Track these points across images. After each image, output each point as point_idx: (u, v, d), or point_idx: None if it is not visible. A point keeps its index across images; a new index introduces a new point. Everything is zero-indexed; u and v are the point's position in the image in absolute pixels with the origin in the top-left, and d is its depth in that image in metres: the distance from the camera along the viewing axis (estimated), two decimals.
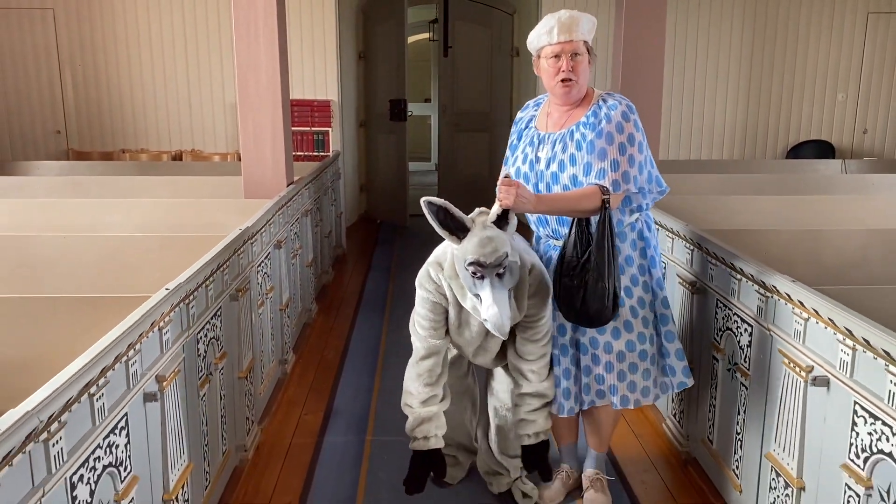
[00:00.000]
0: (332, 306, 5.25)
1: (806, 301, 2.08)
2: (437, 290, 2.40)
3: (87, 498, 1.61)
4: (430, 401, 2.51)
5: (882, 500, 1.75)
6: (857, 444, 1.84)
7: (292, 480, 2.93)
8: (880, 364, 1.74)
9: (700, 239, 2.85)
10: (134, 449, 1.86)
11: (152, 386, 1.98)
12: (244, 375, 2.98)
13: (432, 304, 2.42)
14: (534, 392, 2.51)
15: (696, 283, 2.89)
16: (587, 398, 2.55)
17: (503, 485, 2.78)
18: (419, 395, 2.50)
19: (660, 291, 2.54)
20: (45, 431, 1.41)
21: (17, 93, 6.56)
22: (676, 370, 2.56)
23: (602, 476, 2.75)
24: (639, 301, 2.49)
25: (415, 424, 2.51)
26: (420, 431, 2.50)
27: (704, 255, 2.80)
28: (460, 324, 2.45)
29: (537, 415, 2.53)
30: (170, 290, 2.14)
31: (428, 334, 2.47)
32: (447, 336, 2.49)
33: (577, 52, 2.39)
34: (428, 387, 2.50)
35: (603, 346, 2.49)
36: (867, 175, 5.30)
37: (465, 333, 2.46)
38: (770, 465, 2.28)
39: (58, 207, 3.83)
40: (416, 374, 2.51)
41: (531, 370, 2.49)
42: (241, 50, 4.05)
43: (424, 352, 2.49)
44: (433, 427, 2.51)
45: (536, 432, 2.53)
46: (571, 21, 2.38)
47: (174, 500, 2.12)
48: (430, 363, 2.49)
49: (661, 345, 2.54)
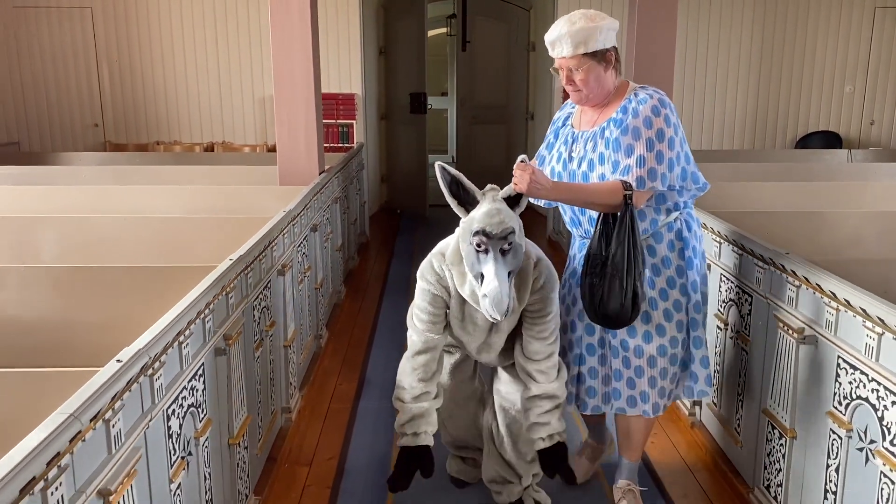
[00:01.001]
0: (359, 289, 5.54)
1: (798, 270, 2.33)
2: (438, 282, 2.32)
3: (177, 430, 1.90)
4: (423, 397, 2.42)
5: (860, 440, 2.01)
6: (839, 393, 2.10)
7: (332, 440, 3.22)
8: (858, 321, 2.00)
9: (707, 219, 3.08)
10: (208, 395, 2.15)
11: (221, 343, 2.27)
12: (288, 344, 3.27)
13: (432, 297, 2.33)
14: (543, 394, 2.41)
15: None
16: (617, 404, 2.49)
17: (514, 493, 2.62)
18: (412, 391, 2.40)
19: (694, 294, 2.43)
20: (150, 367, 1.70)
21: (58, 88, 6.89)
22: (699, 378, 2.49)
23: (634, 487, 2.64)
24: (674, 304, 2.40)
25: (405, 420, 2.41)
26: (410, 427, 2.40)
27: (710, 233, 3.04)
28: (464, 317, 2.37)
29: (549, 416, 2.42)
30: (234, 261, 2.43)
31: (426, 328, 2.37)
32: (445, 332, 2.41)
33: (577, 66, 2.30)
34: (422, 382, 2.40)
35: (633, 349, 2.42)
36: (871, 164, 5.53)
37: (468, 328, 2.38)
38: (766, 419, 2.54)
39: (108, 193, 4.14)
40: (410, 368, 2.42)
41: (538, 370, 2.39)
42: (277, 48, 4.33)
43: (421, 346, 2.39)
44: (424, 423, 2.41)
45: (550, 434, 2.42)
46: (560, 37, 2.28)
47: (237, 445, 2.41)
48: (425, 358, 2.40)
49: (689, 350, 2.47)
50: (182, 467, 1.90)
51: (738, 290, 2.79)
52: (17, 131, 6.90)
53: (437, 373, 2.45)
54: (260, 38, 6.81)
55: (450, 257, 2.26)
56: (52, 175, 4.99)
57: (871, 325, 1.94)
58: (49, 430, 1.26)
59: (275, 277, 3.07)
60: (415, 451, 2.40)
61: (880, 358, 1.91)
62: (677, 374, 2.47)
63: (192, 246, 3.17)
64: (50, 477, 1.24)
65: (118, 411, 1.51)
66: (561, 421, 2.44)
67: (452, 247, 2.26)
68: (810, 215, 3.47)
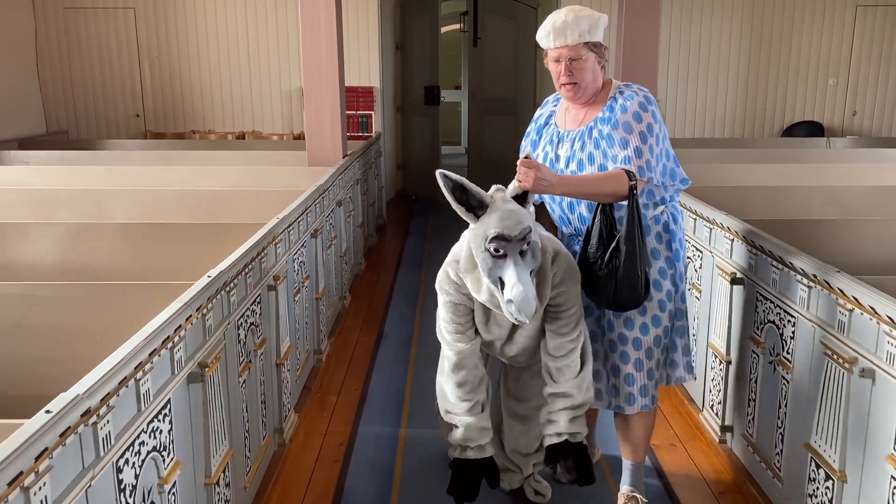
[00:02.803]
0: (377, 263, 6.14)
1: (737, 229, 2.89)
2: (458, 291, 2.27)
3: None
4: (474, 408, 2.38)
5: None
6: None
7: (356, 378, 3.82)
8: (790, 275, 2.55)
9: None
10: (279, 323, 2.74)
11: (271, 281, 2.86)
12: (320, 297, 3.87)
13: (454, 307, 2.29)
14: (559, 392, 2.35)
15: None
16: (614, 401, 2.46)
17: (515, 482, 2.66)
18: (463, 405, 2.36)
19: (681, 285, 2.47)
20: (211, 301, 2.29)
21: (103, 82, 7.54)
22: (679, 365, 2.50)
23: (638, 496, 2.55)
24: (667, 294, 2.41)
25: (468, 435, 2.37)
26: (473, 441, 2.38)
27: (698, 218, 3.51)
28: (488, 320, 2.32)
29: (561, 415, 2.36)
30: (280, 219, 3.03)
31: (455, 339, 2.32)
32: (477, 337, 2.35)
33: (575, 56, 2.29)
34: (471, 394, 2.36)
35: (632, 342, 2.40)
36: (846, 150, 6.07)
37: (492, 330, 2.34)
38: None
39: (160, 172, 4.76)
40: (454, 385, 2.36)
41: (557, 368, 2.34)
42: (307, 45, 4.91)
43: (456, 358, 2.34)
44: (485, 435, 2.39)
45: (558, 433, 2.37)
46: (566, 25, 2.27)
47: (317, 357, 3.01)
48: (464, 374, 2.35)
49: (672, 338, 2.48)
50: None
51: (696, 253, 3.34)
52: (66, 121, 7.57)
53: (483, 381, 2.41)
54: (287, 35, 7.41)
55: (463, 266, 2.20)
56: (100, 158, 5.66)
57: (779, 266, 2.49)
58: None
59: (309, 240, 3.67)
60: (480, 463, 2.40)
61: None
62: (661, 362, 2.46)
63: (242, 212, 3.76)
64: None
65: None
66: (574, 423, 2.35)
67: (465, 254, 2.19)
68: (777, 189, 4.01)
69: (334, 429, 3.25)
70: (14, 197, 3.89)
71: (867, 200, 3.85)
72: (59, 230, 3.12)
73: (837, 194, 3.93)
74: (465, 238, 2.22)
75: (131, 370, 1.59)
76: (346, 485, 2.81)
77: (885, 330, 1.90)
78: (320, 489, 2.78)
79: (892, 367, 1.88)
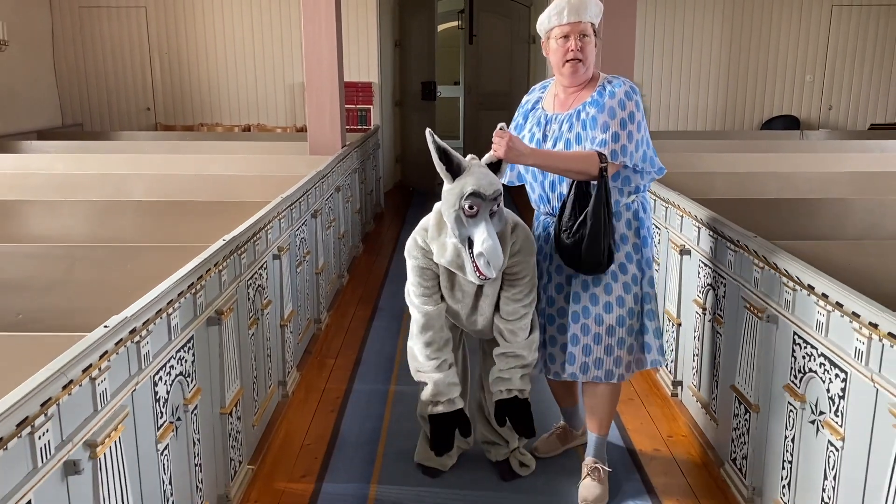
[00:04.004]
0: (374, 248, 6.54)
1: (689, 208, 3.27)
2: (424, 256, 2.50)
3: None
4: (442, 366, 2.60)
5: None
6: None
7: (352, 344, 4.21)
8: (723, 243, 2.94)
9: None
10: (282, 289, 3.13)
11: (276, 251, 3.25)
12: (319, 272, 4.26)
13: (421, 270, 2.51)
14: (510, 352, 2.58)
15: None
16: (569, 369, 2.58)
17: (501, 454, 2.83)
18: (431, 363, 2.59)
19: (648, 270, 2.59)
20: (225, 260, 2.68)
21: (115, 76, 7.95)
22: (653, 348, 2.60)
23: (601, 466, 2.70)
24: (633, 278, 2.54)
25: (434, 391, 2.61)
26: (443, 396, 2.62)
27: (657, 199, 3.88)
28: (453, 286, 2.52)
29: (511, 373, 2.59)
30: (283, 198, 3.42)
31: (422, 301, 2.55)
32: (443, 302, 2.57)
33: (586, 33, 2.45)
34: (438, 352, 2.59)
35: (594, 317, 2.53)
36: (816, 141, 6.44)
37: (457, 295, 2.53)
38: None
39: (172, 160, 5.14)
40: (422, 344, 2.58)
41: (510, 330, 2.55)
42: (308, 42, 5.29)
43: (423, 320, 2.56)
44: (454, 390, 2.63)
45: (509, 388, 2.60)
46: (580, 3, 2.43)
47: (317, 326, 3.40)
48: (431, 334, 2.57)
49: (643, 322, 2.58)
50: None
51: (658, 235, 3.73)
52: (80, 114, 7.98)
53: (448, 341, 2.62)
54: (291, 33, 7.80)
55: (431, 233, 2.44)
56: (115, 147, 6.05)
57: (733, 247, 2.88)
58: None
59: (309, 220, 4.06)
60: (452, 416, 2.64)
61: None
62: (633, 347, 2.58)
63: (247, 191, 4.15)
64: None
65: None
66: (523, 380, 2.61)
67: (433, 223, 2.44)
68: (743, 174, 4.39)
69: (332, 386, 3.65)
70: (43, 181, 4.29)
71: (818, 184, 4.23)
72: (86, 206, 3.50)
73: (792, 178, 4.31)
74: (435, 210, 2.47)
75: (164, 304, 1.98)
76: (342, 429, 3.21)
77: (783, 281, 2.29)
78: (319, 431, 3.17)
79: (789, 313, 2.26)
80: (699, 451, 3.02)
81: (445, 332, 2.62)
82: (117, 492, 1.69)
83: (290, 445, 3.07)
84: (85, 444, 1.56)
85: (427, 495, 2.72)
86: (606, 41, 5.28)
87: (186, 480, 2.18)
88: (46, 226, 3.37)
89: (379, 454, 3.00)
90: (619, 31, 5.25)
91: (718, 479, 2.78)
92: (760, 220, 3.26)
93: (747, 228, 2.68)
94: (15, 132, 6.78)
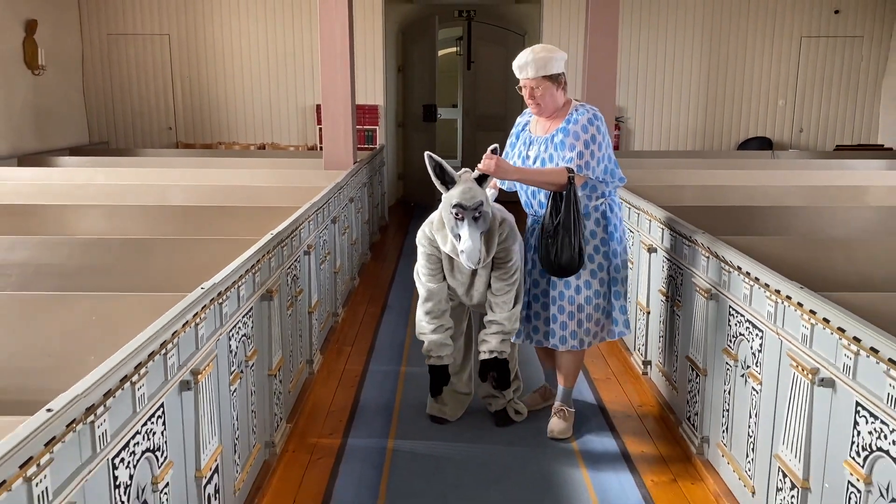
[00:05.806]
0: (381, 255, 7.12)
1: (655, 213, 3.85)
2: (430, 244, 3.16)
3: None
4: (438, 330, 3.25)
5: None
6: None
7: (366, 334, 4.77)
8: (680, 240, 3.53)
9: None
10: (310, 282, 3.69)
11: (306, 248, 3.82)
12: (337, 271, 4.84)
13: (428, 256, 3.18)
14: (495, 320, 3.18)
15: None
16: (552, 341, 3.23)
17: (499, 404, 3.47)
18: (429, 327, 3.25)
19: (615, 260, 3.21)
20: (248, 274, 3.26)
21: (140, 99, 8.56)
22: (619, 322, 3.28)
23: (566, 408, 3.38)
24: (598, 266, 3.19)
25: (430, 347, 3.29)
26: (434, 352, 3.29)
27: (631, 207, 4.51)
28: (452, 268, 3.18)
29: (492, 337, 3.19)
30: (312, 203, 4.00)
31: (427, 279, 3.22)
32: (444, 281, 3.22)
33: (535, 86, 3.04)
34: (435, 319, 3.24)
35: (568, 298, 3.19)
36: (784, 160, 7.07)
37: (456, 276, 3.19)
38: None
39: (200, 173, 5.72)
40: (423, 312, 3.26)
41: (496, 303, 3.18)
42: (325, 68, 5.90)
43: (426, 294, 3.24)
44: (443, 349, 3.28)
45: (490, 350, 3.20)
46: (526, 63, 3.03)
47: (335, 318, 3.96)
48: (431, 304, 3.24)
49: (610, 301, 3.24)
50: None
51: (636, 239, 4.31)
52: (106, 132, 8.58)
53: (445, 312, 3.27)
54: (303, 58, 8.44)
55: (436, 225, 3.08)
56: (141, 163, 6.63)
57: (698, 245, 3.47)
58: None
59: (329, 225, 4.64)
60: (438, 369, 3.35)
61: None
62: (601, 321, 3.25)
63: (276, 199, 4.71)
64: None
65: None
66: (503, 343, 3.21)
67: (437, 218, 3.07)
68: (714, 188, 4.97)
69: (350, 367, 4.21)
70: (91, 190, 4.86)
71: (778, 196, 4.82)
72: (132, 210, 4.06)
73: (756, 191, 4.91)
74: (439, 209, 3.09)
75: (237, 278, 2.57)
76: (362, 399, 3.77)
77: (722, 266, 2.87)
78: (342, 402, 3.74)
79: (726, 290, 2.84)
80: (662, 413, 3.59)
81: (444, 304, 3.26)
82: (212, 411, 2.29)
83: (318, 411, 3.63)
84: (191, 372, 2.13)
85: (437, 446, 3.28)
86: (591, 68, 5.91)
87: (246, 422, 2.74)
88: (100, 226, 3.93)
89: (395, 417, 3.56)
90: (601, 58, 5.87)
91: (678, 435, 3.35)
92: (718, 224, 3.84)
93: (704, 229, 3.27)
94: (48, 149, 7.37)
